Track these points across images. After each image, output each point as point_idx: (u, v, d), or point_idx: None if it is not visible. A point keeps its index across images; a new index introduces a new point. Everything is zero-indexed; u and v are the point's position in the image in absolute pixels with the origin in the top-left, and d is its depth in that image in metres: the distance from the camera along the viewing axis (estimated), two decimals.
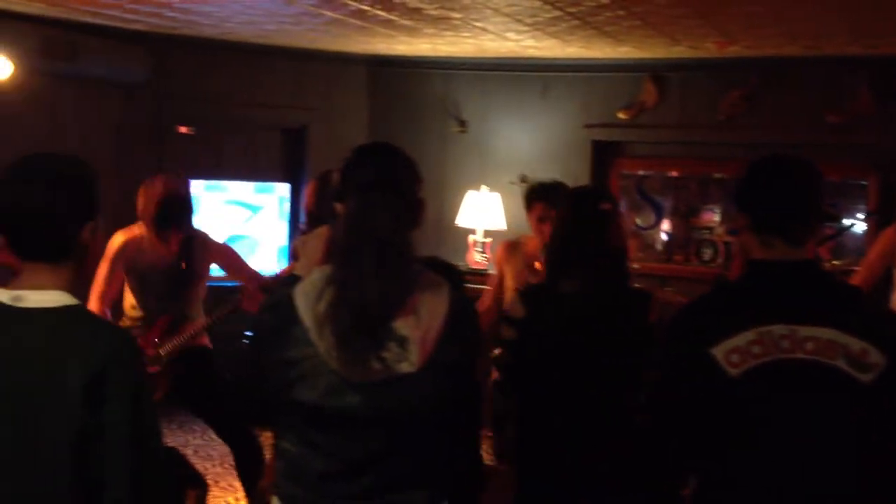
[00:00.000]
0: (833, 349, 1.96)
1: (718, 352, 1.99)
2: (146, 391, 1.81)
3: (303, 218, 5.44)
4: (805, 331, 1.97)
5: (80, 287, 1.93)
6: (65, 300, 1.81)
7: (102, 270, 4.09)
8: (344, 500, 1.95)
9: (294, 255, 3.76)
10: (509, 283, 4.40)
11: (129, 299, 4.27)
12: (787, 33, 5.09)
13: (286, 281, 2.06)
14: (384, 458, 1.94)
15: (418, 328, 1.87)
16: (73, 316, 1.81)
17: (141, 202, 4.08)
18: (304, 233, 3.59)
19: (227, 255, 4.39)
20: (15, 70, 5.28)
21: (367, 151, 2.06)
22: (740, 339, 1.98)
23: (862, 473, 2.00)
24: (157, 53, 6.20)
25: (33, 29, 5.46)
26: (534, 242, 4.30)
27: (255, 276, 4.33)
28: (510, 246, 4.55)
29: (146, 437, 1.76)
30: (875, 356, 1.95)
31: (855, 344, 1.96)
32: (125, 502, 1.72)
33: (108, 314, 4.18)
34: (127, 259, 4.14)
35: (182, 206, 4.11)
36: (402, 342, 1.86)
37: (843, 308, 2.03)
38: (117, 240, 4.16)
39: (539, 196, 4.27)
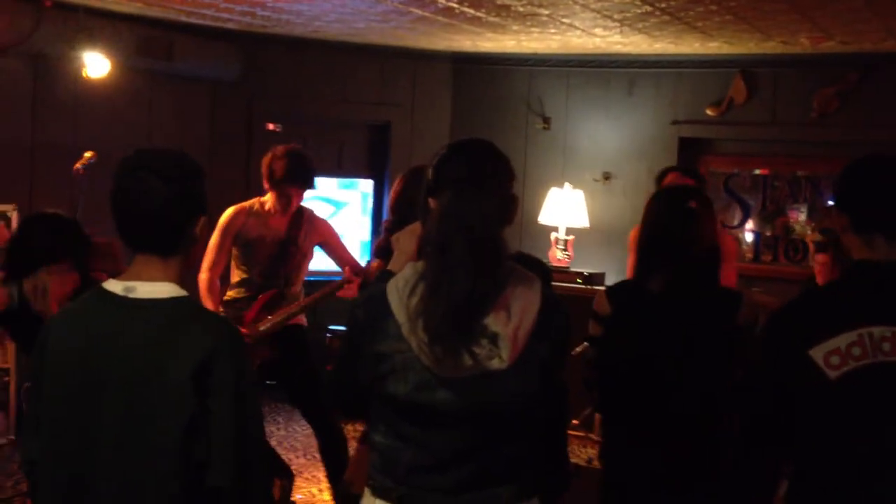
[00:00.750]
0: None
1: (817, 353, 1.94)
2: (250, 381, 1.85)
3: (386, 214, 5.51)
4: None
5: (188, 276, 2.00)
6: (174, 292, 1.86)
7: (213, 241, 4.26)
8: (433, 494, 1.96)
9: (378, 251, 3.78)
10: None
11: (235, 273, 4.39)
12: (885, 28, 4.94)
13: (381, 276, 2.07)
14: (473, 454, 1.94)
15: (510, 324, 1.87)
16: (183, 308, 1.86)
17: (266, 163, 4.23)
18: (387, 230, 3.61)
19: (331, 235, 4.49)
20: (112, 67, 5.45)
21: (462, 147, 2.06)
22: (840, 341, 1.93)
23: None
24: (247, 52, 6.35)
25: (130, 28, 5.64)
26: None
27: (352, 262, 4.39)
28: None
29: (249, 426, 1.81)
30: None
31: None
32: (227, 487, 1.77)
33: (217, 283, 4.32)
34: (236, 229, 4.28)
35: (307, 162, 4.26)
36: (494, 338, 1.86)
37: None
38: (228, 211, 4.32)
39: (670, 168, 4.32)
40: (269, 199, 4.32)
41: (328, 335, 6.20)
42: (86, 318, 1.87)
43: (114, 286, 1.87)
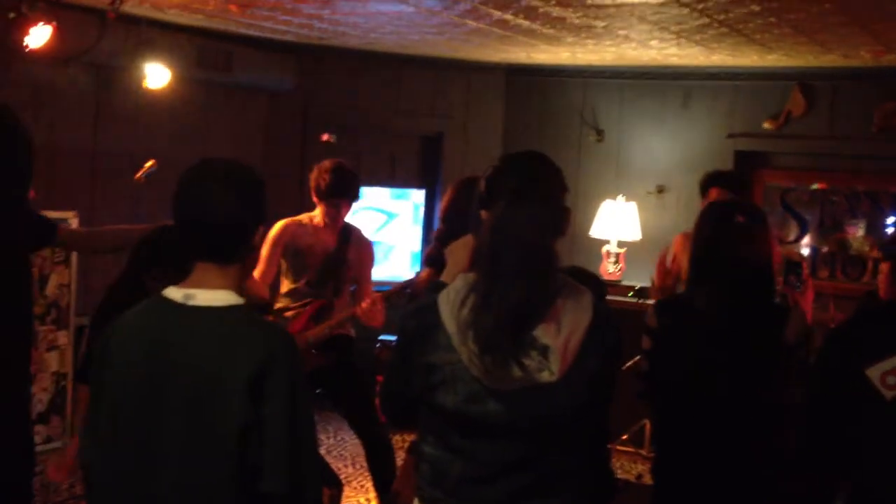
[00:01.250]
0: None
1: (874, 373, 1.92)
2: (303, 387, 1.87)
3: (436, 224, 5.53)
4: None
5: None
6: (232, 300, 1.89)
7: (263, 252, 4.36)
8: None
9: (428, 260, 3.80)
10: (685, 276, 4.35)
11: (284, 283, 4.47)
12: None
13: (433, 287, 2.08)
14: (523, 466, 1.94)
15: (560, 337, 1.87)
16: (239, 315, 1.89)
17: (314, 177, 4.34)
18: (437, 239, 3.61)
19: (368, 257, 4.53)
20: (172, 78, 5.56)
21: (514, 159, 2.06)
22: None
23: None
24: (303, 63, 6.43)
25: (189, 39, 5.75)
26: None
27: (371, 293, 4.40)
28: (688, 237, 4.47)
29: (303, 432, 1.83)
30: None
31: None
32: (281, 493, 1.79)
33: (267, 292, 4.40)
34: (286, 240, 4.38)
35: (352, 176, 4.36)
36: (544, 351, 1.86)
37: None
38: (279, 224, 4.43)
39: (713, 181, 4.23)
40: (317, 213, 4.41)
41: (377, 345, 6.23)
42: (147, 325, 1.91)
43: (174, 293, 1.90)
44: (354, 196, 4.40)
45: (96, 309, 3.23)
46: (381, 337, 6.19)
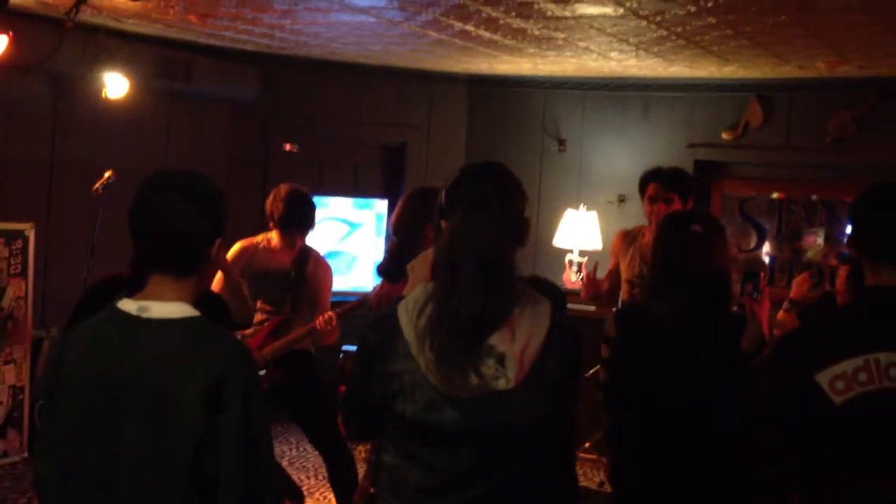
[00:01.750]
0: None
1: (823, 378, 1.94)
2: (259, 399, 1.86)
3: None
4: None
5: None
6: (187, 312, 1.88)
7: (220, 274, 4.25)
8: None
9: (382, 272, 3.75)
10: (623, 274, 4.36)
11: None
12: None
13: (397, 300, 2.08)
14: (480, 475, 1.94)
15: (516, 345, 1.88)
16: (195, 327, 1.88)
17: (269, 204, 4.32)
18: (390, 252, 3.57)
19: (324, 278, 4.49)
20: (131, 88, 5.51)
21: (473, 170, 2.07)
22: (847, 366, 1.93)
23: None
24: (265, 73, 6.41)
25: (149, 49, 5.70)
26: (650, 233, 4.22)
27: (325, 313, 4.39)
28: (626, 235, 4.49)
29: (258, 443, 1.82)
30: None
31: None
32: (237, 503, 1.78)
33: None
34: (243, 263, 4.34)
35: (306, 206, 4.32)
36: (501, 359, 1.87)
37: None
38: (236, 246, 4.40)
39: (652, 177, 4.22)
40: (274, 235, 4.37)
41: (341, 356, 6.21)
42: (102, 337, 1.89)
43: (128, 306, 1.89)
44: (309, 226, 4.36)
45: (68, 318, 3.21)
46: (345, 347, 6.16)
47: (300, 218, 4.29)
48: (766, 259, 6.35)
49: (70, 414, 1.87)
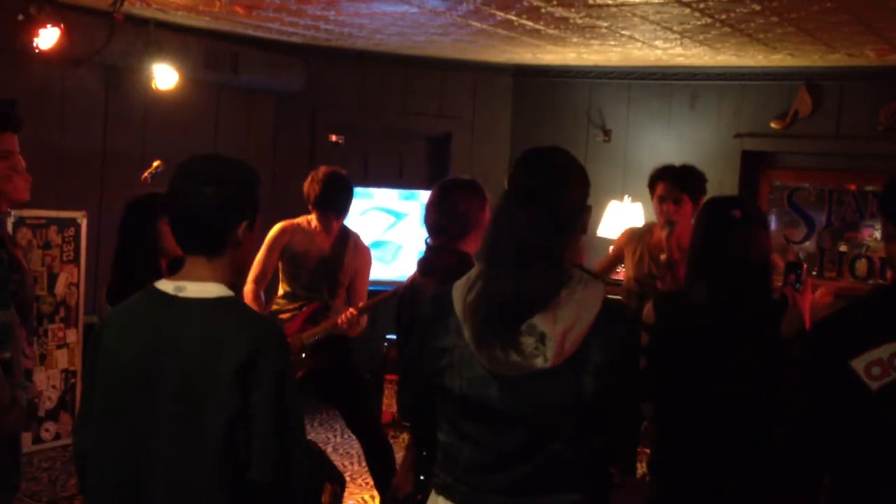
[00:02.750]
0: None
1: (859, 364, 1.91)
2: (291, 378, 1.91)
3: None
4: None
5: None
6: (221, 292, 1.94)
7: (260, 254, 4.38)
8: (489, 495, 2.00)
9: (422, 268, 3.71)
10: (629, 271, 4.35)
11: (281, 286, 4.50)
12: None
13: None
14: (527, 456, 1.96)
15: (559, 326, 1.89)
16: (228, 307, 1.94)
17: (307, 185, 4.35)
18: (430, 248, 3.51)
19: (365, 264, 4.53)
20: (180, 79, 5.61)
21: (527, 156, 2.09)
22: (882, 352, 1.90)
23: None
24: (311, 65, 6.48)
25: (198, 41, 5.80)
26: (660, 232, 4.18)
27: (363, 300, 4.44)
28: (634, 233, 4.46)
29: (289, 421, 1.87)
30: None
31: None
32: (268, 481, 1.83)
33: (262, 296, 4.44)
34: (283, 244, 4.39)
35: (342, 189, 4.35)
36: (542, 338, 1.90)
37: None
38: (276, 228, 4.45)
39: (661, 176, 4.17)
40: (314, 218, 4.42)
41: (385, 344, 6.26)
42: (139, 316, 1.96)
43: (165, 286, 1.95)
44: (344, 208, 4.39)
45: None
46: (389, 336, 6.22)
47: (335, 200, 4.32)
48: (817, 251, 6.24)
49: (108, 390, 1.94)
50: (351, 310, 4.28)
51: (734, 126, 6.42)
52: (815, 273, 6.18)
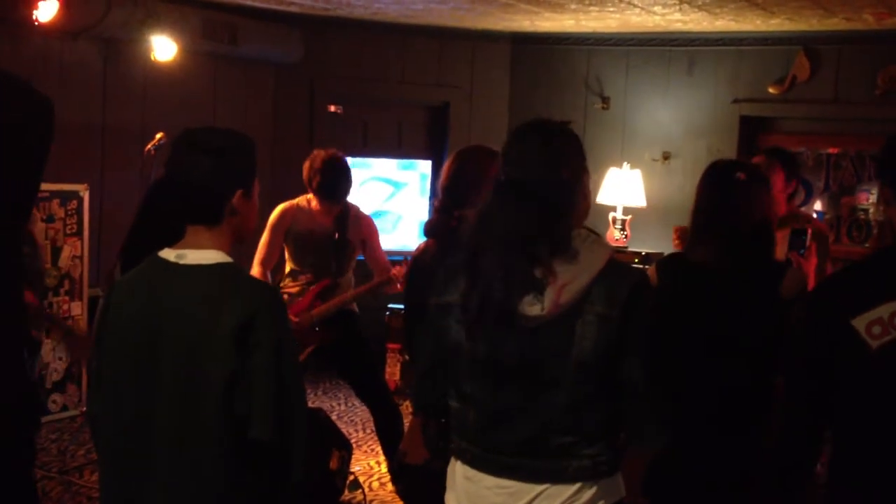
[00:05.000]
0: None
1: (859, 323, 1.95)
2: (289, 340, 1.98)
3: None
4: None
5: (241, 249, 2.13)
6: (220, 258, 2.00)
7: (264, 238, 4.45)
8: (498, 455, 2.02)
9: (429, 230, 3.78)
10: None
11: (287, 266, 4.56)
12: None
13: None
14: (534, 412, 1.97)
15: (559, 280, 1.92)
16: (226, 272, 2.00)
17: (306, 171, 4.38)
18: (437, 209, 3.58)
19: (371, 234, 4.59)
20: (178, 51, 5.61)
21: (514, 140, 2.08)
22: (883, 311, 1.93)
23: None
24: (309, 35, 6.47)
25: (195, 12, 5.79)
26: None
27: (385, 264, 4.52)
28: None
29: (288, 382, 1.93)
30: None
31: None
32: (268, 440, 1.90)
33: (269, 278, 4.51)
34: (286, 226, 4.45)
35: (342, 175, 4.37)
36: (540, 288, 1.93)
37: None
38: (277, 210, 4.50)
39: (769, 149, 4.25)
40: (314, 198, 4.44)
41: (387, 314, 6.31)
42: (143, 283, 2.03)
43: (168, 254, 2.02)
44: (345, 193, 4.41)
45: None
46: (391, 305, 6.27)
47: (336, 189, 4.35)
48: (815, 214, 6.28)
49: (114, 355, 2.02)
50: (397, 268, 4.39)
51: (732, 91, 6.43)
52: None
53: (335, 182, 4.34)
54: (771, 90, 6.27)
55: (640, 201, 6.47)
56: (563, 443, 1.97)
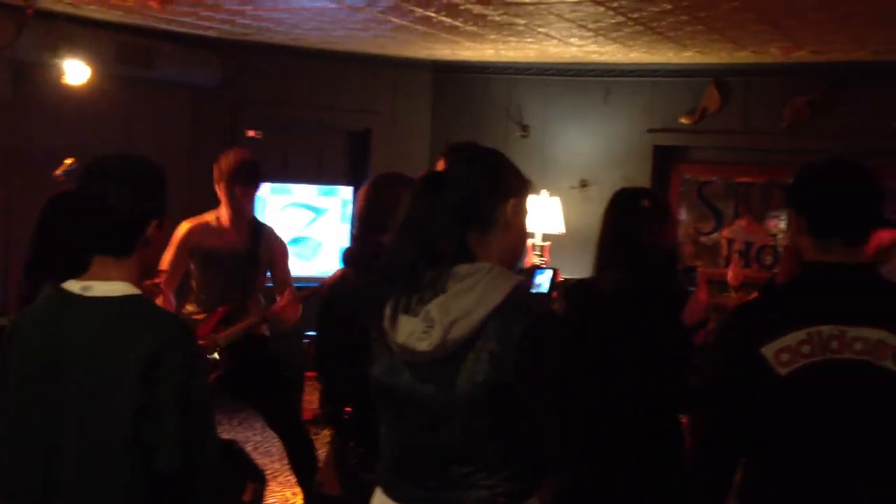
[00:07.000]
0: (882, 350, 1.97)
1: (769, 351, 2.02)
2: (198, 373, 1.95)
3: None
4: (854, 331, 1.99)
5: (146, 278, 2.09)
6: (127, 290, 1.96)
7: (167, 256, 4.22)
8: (410, 486, 2.03)
9: (347, 258, 3.73)
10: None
11: (192, 286, 4.40)
12: (854, 39, 5.04)
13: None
14: (431, 444, 1.98)
15: (450, 314, 1.92)
16: (134, 304, 1.96)
17: (216, 169, 4.29)
18: (355, 238, 3.54)
19: (282, 255, 4.48)
20: (92, 75, 5.49)
21: (448, 150, 2.14)
22: (791, 339, 2.01)
23: None
24: (228, 59, 6.40)
25: (110, 35, 5.68)
26: None
27: (292, 289, 4.39)
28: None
29: (197, 414, 1.90)
30: None
31: None
32: (175, 471, 1.87)
33: (172, 299, 4.30)
34: (193, 243, 4.27)
35: (250, 162, 4.32)
36: (431, 322, 1.93)
37: (895, 310, 2.03)
38: (184, 226, 4.31)
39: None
40: (223, 212, 4.31)
41: (305, 341, 6.24)
42: (47, 316, 1.99)
43: (72, 286, 1.97)
44: (253, 182, 4.31)
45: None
46: (308, 332, 6.20)
47: (246, 172, 4.26)
48: (726, 242, 6.46)
49: (18, 385, 1.97)
50: (289, 296, 4.24)
51: (646, 121, 6.59)
52: (722, 263, 6.38)
53: (245, 164, 4.25)
54: (683, 120, 6.45)
55: (559, 228, 6.56)
56: (462, 472, 1.97)
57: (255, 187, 4.37)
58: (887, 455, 2.00)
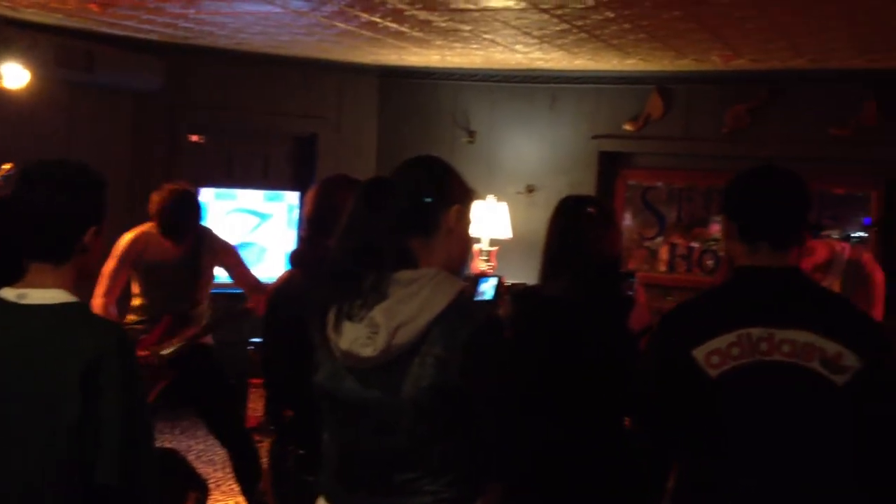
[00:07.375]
0: (810, 352, 2.02)
1: (699, 353, 2.05)
2: (138, 382, 1.92)
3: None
4: (782, 334, 2.03)
5: (84, 286, 2.05)
6: (64, 298, 1.92)
7: (108, 267, 4.18)
8: (351, 490, 2.01)
9: (294, 261, 3.71)
10: None
11: (135, 298, 4.35)
12: (792, 47, 5.15)
13: None
14: (376, 450, 1.98)
15: (394, 319, 1.92)
16: (71, 312, 1.93)
17: (152, 206, 4.20)
18: (303, 240, 3.54)
19: (232, 256, 4.45)
20: (31, 78, 5.38)
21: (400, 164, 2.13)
22: (721, 342, 2.05)
23: (838, 473, 2.05)
24: (170, 63, 6.31)
25: (49, 39, 5.57)
26: None
27: (256, 285, 4.39)
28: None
29: (136, 424, 1.87)
30: (850, 359, 2.01)
31: (831, 347, 2.02)
32: (113, 483, 1.83)
33: (114, 311, 4.25)
34: (135, 254, 4.23)
35: (188, 213, 4.21)
36: (375, 328, 1.93)
37: (822, 313, 2.09)
38: (126, 237, 4.27)
39: None
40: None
41: (250, 348, 6.18)
42: None
43: (7, 293, 1.93)
44: (186, 233, 4.22)
45: None
46: (253, 340, 6.14)
47: (178, 227, 4.18)
48: (668, 246, 6.55)
49: None
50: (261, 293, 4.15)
51: (591, 128, 6.66)
52: (664, 269, 6.47)
53: (178, 219, 4.16)
54: (627, 127, 6.53)
55: (506, 233, 6.59)
56: (406, 479, 1.96)
57: (187, 236, 4.25)
58: (821, 455, 2.05)
